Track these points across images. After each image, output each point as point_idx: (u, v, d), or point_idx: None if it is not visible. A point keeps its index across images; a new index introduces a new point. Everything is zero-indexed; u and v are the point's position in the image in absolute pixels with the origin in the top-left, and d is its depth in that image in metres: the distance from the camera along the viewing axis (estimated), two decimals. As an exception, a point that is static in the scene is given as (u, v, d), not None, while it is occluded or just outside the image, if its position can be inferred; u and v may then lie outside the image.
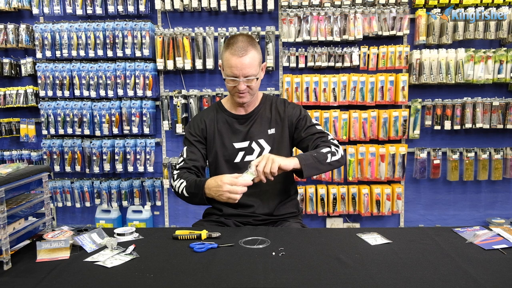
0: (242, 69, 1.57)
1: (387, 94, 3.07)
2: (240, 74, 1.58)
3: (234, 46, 1.58)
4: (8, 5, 3.23)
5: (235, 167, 1.70)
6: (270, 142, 1.72)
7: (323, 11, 3.04)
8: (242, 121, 1.73)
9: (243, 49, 1.57)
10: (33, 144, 3.45)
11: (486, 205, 3.33)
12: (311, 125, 1.72)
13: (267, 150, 1.71)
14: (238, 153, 1.71)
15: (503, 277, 1.10)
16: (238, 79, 1.59)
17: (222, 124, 1.74)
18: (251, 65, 1.58)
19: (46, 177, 1.47)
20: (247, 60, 1.57)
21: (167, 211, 3.44)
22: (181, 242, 1.38)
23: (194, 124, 1.77)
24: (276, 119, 1.73)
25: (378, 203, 3.15)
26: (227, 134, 1.73)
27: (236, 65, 1.57)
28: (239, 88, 1.60)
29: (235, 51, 1.57)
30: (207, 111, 1.81)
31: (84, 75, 3.23)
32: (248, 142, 1.71)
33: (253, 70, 1.59)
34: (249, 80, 1.60)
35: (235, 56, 1.57)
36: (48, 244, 1.28)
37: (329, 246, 1.33)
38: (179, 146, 3.40)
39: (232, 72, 1.58)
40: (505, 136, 3.24)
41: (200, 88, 3.30)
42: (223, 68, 1.64)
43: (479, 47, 3.09)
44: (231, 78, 1.60)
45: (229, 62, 1.59)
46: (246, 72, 1.58)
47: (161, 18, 3.27)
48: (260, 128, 1.72)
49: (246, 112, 1.74)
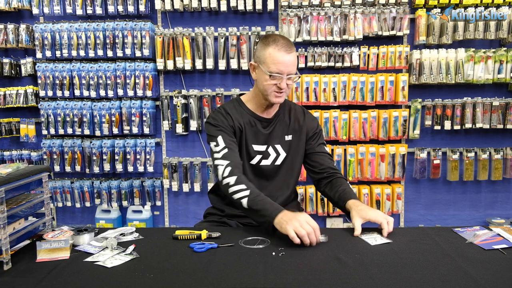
0: (289, 66, 1.54)
1: (387, 94, 3.07)
2: (286, 71, 1.54)
3: (279, 42, 1.54)
4: (8, 5, 3.24)
5: (252, 168, 1.68)
6: (286, 148, 1.70)
7: (323, 11, 3.04)
8: (265, 124, 1.69)
9: (288, 46, 1.54)
10: (33, 144, 3.45)
11: (486, 205, 3.33)
12: (323, 143, 1.75)
13: (282, 156, 1.69)
14: (255, 155, 1.68)
15: (503, 277, 1.10)
16: (283, 76, 1.54)
17: (246, 124, 1.66)
18: (295, 63, 1.57)
19: (46, 177, 1.46)
20: (292, 58, 1.55)
21: (167, 211, 3.44)
22: (181, 242, 1.38)
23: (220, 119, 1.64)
24: (294, 126, 1.71)
25: (378, 203, 3.15)
26: (250, 135, 1.67)
27: (284, 61, 1.53)
28: (281, 86, 1.55)
29: (282, 47, 1.53)
30: (229, 106, 1.69)
31: (84, 75, 3.23)
32: (266, 146, 1.68)
33: (295, 68, 1.58)
34: (290, 78, 1.57)
35: (282, 51, 1.52)
36: (48, 244, 1.28)
37: (329, 246, 1.33)
38: (179, 146, 3.40)
39: (279, 69, 1.53)
40: (505, 136, 3.24)
41: (200, 88, 3.30)
42: (266, 64, 1.55)
43: (479, 47, 3.09)
44: (277, 74, 1.54)
45: (276, 58, 1.53)
46: (292, 69, 1.55)
47: (161, 18, 3.27)
48: (278, 133, 1.70)
49: (269, 116, 1.70)
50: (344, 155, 3.17)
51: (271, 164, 1.69)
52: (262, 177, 1.70)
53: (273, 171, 1.70)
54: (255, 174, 1.69)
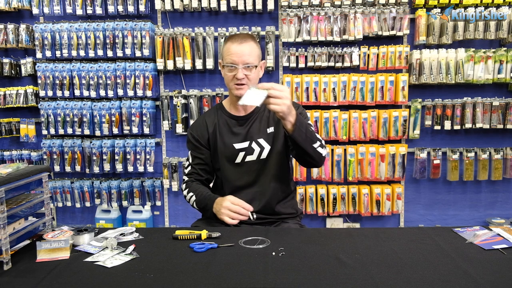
0: (242, 56, 1.58)
1: (387, 94, 3.07)
2: (239, 61, 1.59)
3: (235, 36, 1.64)
4: (8, 5, 3.23)
5: (237, 167, 1.70)
6: (269, 141, 1.71)
7: (323, 11, 3.04)
8: (242, 122, 1.73)
9: (243, 38, 1.61)
10: (33, 144, 3.45)
11: (486, 205, 3.33)
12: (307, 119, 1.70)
13: (267, 150, 1.70)
14: (238, 153, 1.71)
15: (503, 277, 1.10)
16: (237, 66, 1.59)
17: (222, 125, 1.74)
18: (250, 53, 1.60)
19: (46, 177, 1.46)
20: (246, 48, 1.60)
21: (167, 211, 3.44)
22: (181, 242, 1.38)
23: (195, 127, 1.79)
24: (274, 117, 1.72)
25: (378, 203, 3.15)
26: (227, 135, 1.73)
27: (235, 51, 1.59)
28: (237, 76, 1.59)
29: (235, 40, 1.61)
30: (208, 112, 1.82)
31: (84, 75, 3.23)
32: (248, 142, 1.71)
33: (252, 58, 1.60)
34: (248, 68, 1.60)
35: (235, 43, 1.60)
36: (48, 244, 1.28)
37: (329, 246, 1.33)
38: (179, 146, 3.40)
39: (231, 59, 1.60)
40: (505, 136, 3.24)
41: (200, 88, 3.30)
42: (223, 58, 1.64)
43: (479, 47, 3.09)
44: (230, 65, 1.60)
45: (228, 50, 1.61)
46: (245, 59, 1.59)
47: (161, 18, 3.27)
48: (259, 127, 1.72)
49: (246, 113, 1.74)
50: (344, 155, 3.17)
51: (257, 159, 1.70)
52: (251, 174, 1.71)
53: (261, 166, 1.71)
54: (242, 173, 1.71)
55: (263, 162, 1.70)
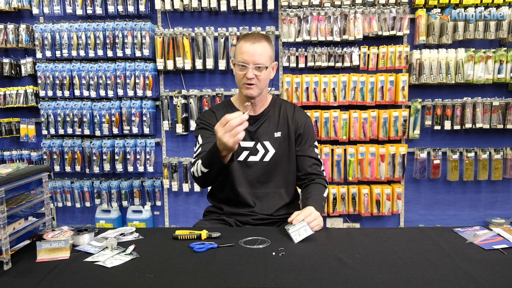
0: (253, 56, 1.57)
1: (387, 94, 3.07)
2: (250, 61, 1.58)
3: (249, 35, 1.62)
4: (8, 5, 3.24)
5: (239, 165, 1.69)
6: (275, 145, 1.71)
7: (323, 11, 3.04)
8: (251, 121, 1.70)
9: (256, 38, 1.60)
10: (33, 144, 3.45)
11: (486, 205, 3.33)
12: (313, 146, 1.74)
13: (271, 153, 1.70)
14: (242, 151, 1.70)
15: (503, 277, 1.10)
16: (247, 65, 1.58)
17: None
18: (262, 53, 1.59)
19: (46, 177, 1.46)
20: (258, 48, 1.59)
21: (167, 211, 3.44)
22: (181, 242, 1.38)
23: (204, 115, 1.76)
24: (283, 123, 1.72)
25: (378, 203, 3.15)
26: None
27: (247, 51, 1.58)
28: (247, 76, 1.59)
29: (249, 39, 1.60)
30: (217, 107, 1.80)
31: (84, 75, 3.23)
32: (254, 143, 1.70)
33: (263, 59, 1.59)
34: (258, 69, 1.59)
35: (247, 42, 1.59)
36: (48, 244, 1.28)
37: (329, 246, 1.33)
38: (179, 146, 3.40)
39: (243, 58, 1.59)
40: (505, 136, 3.24)
41: (200, 88, 3.30)
42: (235, 56, 1.63)
43: (479, 47, 3.09)
44: (241, 64, 1.59)
45: (241, 49, 1.60)
46: (257, 59, 1.58)
47: (161, 18, 3.27)
48: (267, 130, 1.72)
49: (255, 113, 1.72)
50: (344, 155, 3.17)
51: (260, 161, 1.70)
52: (251, 174, 1.70)
53: (262, 168, 1.70)
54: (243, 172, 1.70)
55: (266, 164, 1.70)
